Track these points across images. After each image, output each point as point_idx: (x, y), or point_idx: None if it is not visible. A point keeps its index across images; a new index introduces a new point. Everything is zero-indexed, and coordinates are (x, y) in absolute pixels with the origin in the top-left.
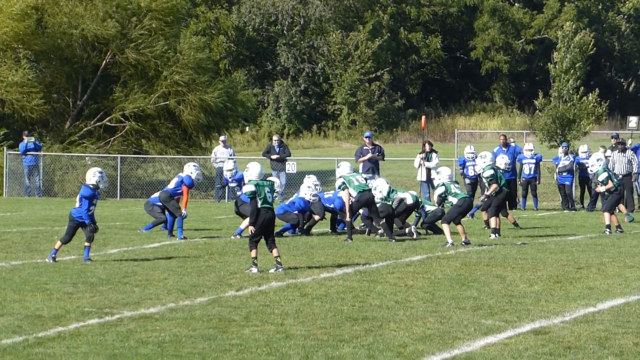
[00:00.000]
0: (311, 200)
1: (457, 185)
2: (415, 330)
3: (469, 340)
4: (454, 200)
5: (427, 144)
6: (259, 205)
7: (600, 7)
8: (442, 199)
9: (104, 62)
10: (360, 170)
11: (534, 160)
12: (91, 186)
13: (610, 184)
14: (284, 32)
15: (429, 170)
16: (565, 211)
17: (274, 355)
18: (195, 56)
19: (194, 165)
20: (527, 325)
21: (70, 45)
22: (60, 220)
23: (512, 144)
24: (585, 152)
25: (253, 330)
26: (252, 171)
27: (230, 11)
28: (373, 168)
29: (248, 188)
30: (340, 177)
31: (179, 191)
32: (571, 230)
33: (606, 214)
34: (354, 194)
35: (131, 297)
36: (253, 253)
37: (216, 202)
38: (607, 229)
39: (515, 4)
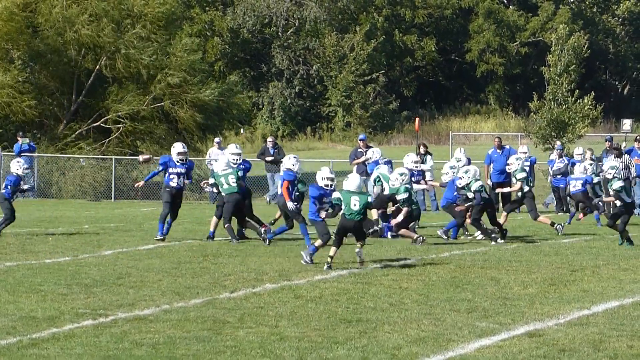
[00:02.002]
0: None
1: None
2: (409, 332)
3: (463, 343)
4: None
5: (421, 146)
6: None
7: (594, 9)
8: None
9: (98, 64)
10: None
11: (528, 163)
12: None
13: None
14: (279, 34)
15: (423, 172)
16: (559, 214)
17: (268, 357)
18: (189, 58)
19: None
20: (522, 328)
21: (65, 47)
22: (55, 221)
23: (507, 147)
24: (580, 154)
25: (247, 332)
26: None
27: (224, 13)
28: (367, 171)
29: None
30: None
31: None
32: (565, 232)
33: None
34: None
35: (125, 298)
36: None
37: (210, 204)
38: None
39: (510, 6)
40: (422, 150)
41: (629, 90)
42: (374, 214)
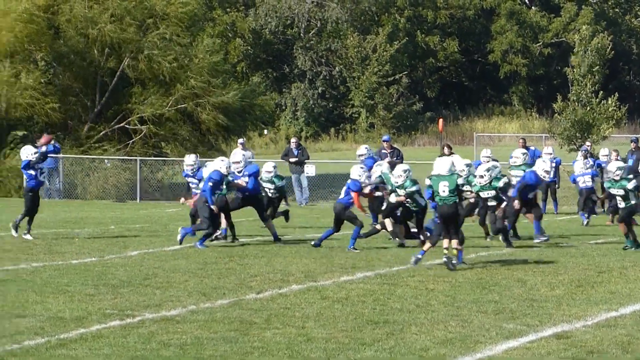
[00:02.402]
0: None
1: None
2: (436, 333)
3: (490, 344)
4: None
5: (446, 147)
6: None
7: (617, 10)
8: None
9: (121, 66)
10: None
11: (553, 164)
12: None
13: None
14: (301, 35)
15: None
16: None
17: (295, 358)
18: (210, 59)
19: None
20: (549, 330)
21: (87, 48)
22: (80, 222)
23: (532, 148)
24: (606, 155)
25: (274, 333)
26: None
27: (246, 14)
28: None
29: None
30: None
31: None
32: (592, 234)
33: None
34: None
35: (152, 299)
36: None
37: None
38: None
39: (532, 7)
40: (446, 151)
41: None
42: (387, 223)
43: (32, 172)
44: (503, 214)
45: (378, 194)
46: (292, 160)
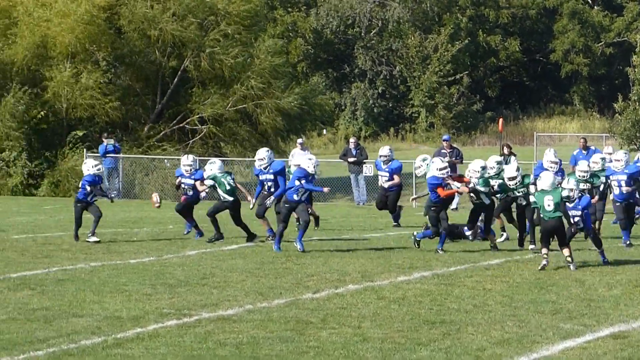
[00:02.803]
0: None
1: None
2: (493, 334)
3: (547, 344)
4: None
5: (505, 147)
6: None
7: None
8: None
9: (183, 65)
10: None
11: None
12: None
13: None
14: (362, 34)
15: None
16: None
17: (351, 358)
18: (272, 61)
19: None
20: (606, 330)
21: (148, 48)
22: (139, 222)
23: (592, 147)
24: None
25: (330, 333)
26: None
27: (307, 14)
28: (450, 171)
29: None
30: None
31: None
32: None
33: None
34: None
35: (209, 298)
36: None
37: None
38: None
39: (595, 7)
40: (505, 151)
41: None
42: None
43: (89, 189)
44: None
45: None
46: (351, 160)
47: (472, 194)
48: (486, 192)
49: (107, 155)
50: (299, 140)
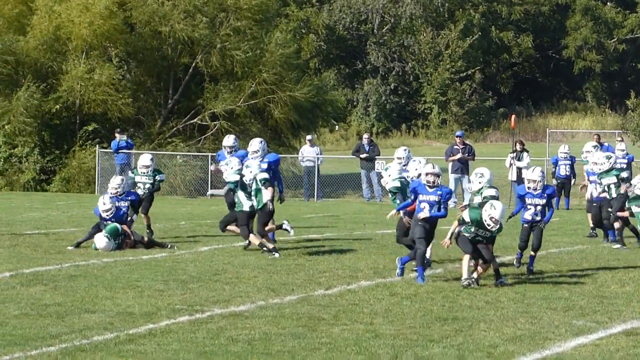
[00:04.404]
0: None
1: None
2: (505, 330)
3: (560, 341)
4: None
5: (518, 143)
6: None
7: None
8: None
9: (194, 62)
10: (450, 170)
11: (625, 161)
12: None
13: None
14: (374, 31)
15: (520, 169)
16: None
17: (363, 354)
18: (283, 53)
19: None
20: (619, 326)
21: (160, 44)
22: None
23: (605, 144)
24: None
25: (342, 329)
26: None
27: (320, 10)
28: (462, 168)
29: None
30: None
31: None
32: None
33: None
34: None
35: (221, 294)
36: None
37: (305, 201)
38: None
39: (608, 3)
40: (518, 147)
41: None
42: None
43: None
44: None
45: None
46: (363, 156)
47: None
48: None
49: (120, 151)
50: (308, 137)
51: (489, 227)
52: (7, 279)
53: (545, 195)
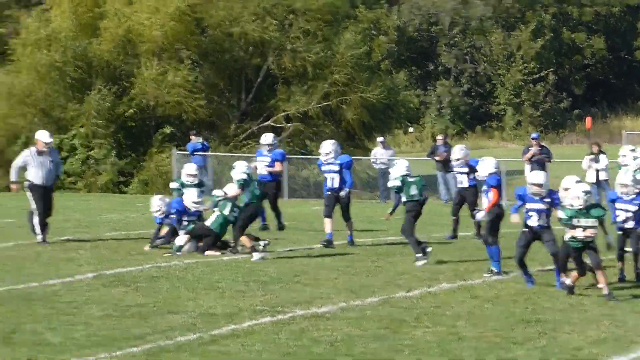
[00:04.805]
0: None
1: None
2: (589, 333)
3: None
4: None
5: (595, 145)
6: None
7: None
8: None
9: (266, 63)
10: (526, 172)
11: None
12: None
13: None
14: (445, 32)
15: (597, 171)
16: None
17: (446, 357)
18: (353, 54)
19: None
20: None
21: (232, 46)
22: None
23: None
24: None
25: (424, 332)
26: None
27: (390, 11)
28: (538, 169)
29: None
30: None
31: None
32: None
33: None
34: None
35: (302, 296)
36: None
37: (382, 203)
38: None
39: None
40: (595, 149)
41: None
42: None
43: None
44: None
45: None
46: (438, 158)
47: None
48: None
49: (196, 153)
50: (380, 139)
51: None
52: (89, 280)
53: (638, 200)
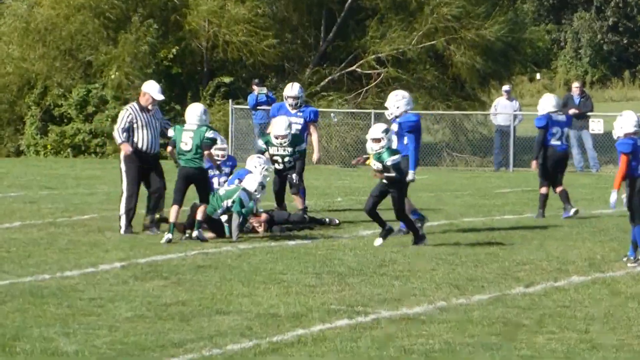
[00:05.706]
0: None
1: None
2: None
3: None
4: None
5: None
6: None
7: None
8: None
9: None
10: None
11: None
12: None
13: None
14: None
15: None
16: None
17: None
18: None
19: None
20: None
21: None
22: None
23: None
24: None
25: (548, 338)
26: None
27: None
28: None
29: None
30: None
31: None
32: None
33: None
34: None
35: (390, 292)
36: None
37: (495, 171)
38: None
39: None
40: None
41: None
42: None
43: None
44: None
45: None
46: (572, 112)
47: None
48: None
49: (259, 107)
50: (505, 88)
51: None
52: (117, 270)
53: None
